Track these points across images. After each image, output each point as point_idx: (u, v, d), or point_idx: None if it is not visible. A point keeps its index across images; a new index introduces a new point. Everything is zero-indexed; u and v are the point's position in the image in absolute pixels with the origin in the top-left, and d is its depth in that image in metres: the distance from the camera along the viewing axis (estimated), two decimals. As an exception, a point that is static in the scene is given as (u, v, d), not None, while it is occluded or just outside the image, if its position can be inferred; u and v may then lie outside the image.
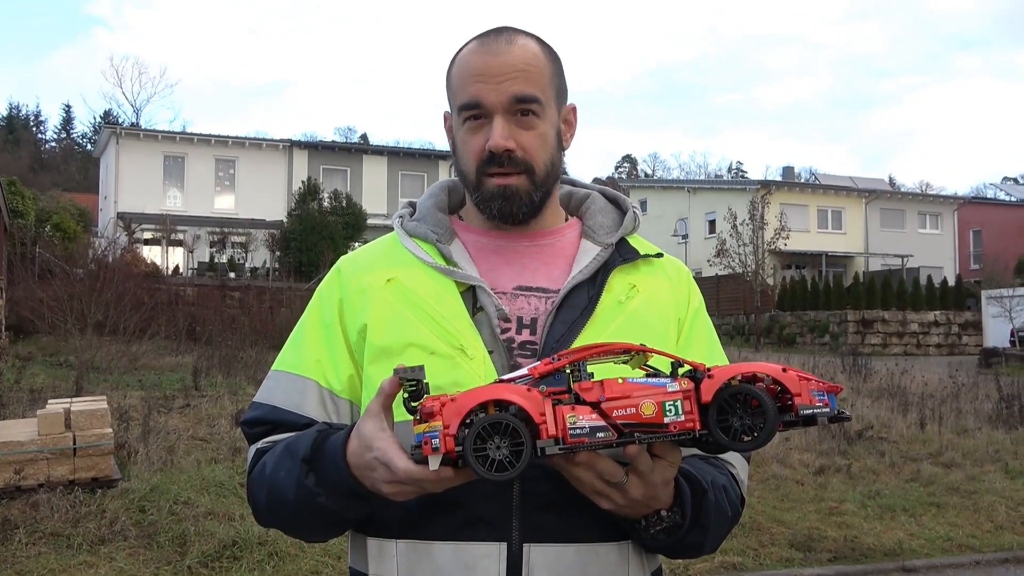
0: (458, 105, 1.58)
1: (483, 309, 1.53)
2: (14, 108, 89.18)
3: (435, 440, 1.21)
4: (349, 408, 1.58)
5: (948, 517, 7.93)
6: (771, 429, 1.26)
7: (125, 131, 43.38)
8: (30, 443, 7.00)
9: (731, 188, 47.41)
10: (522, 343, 1.55)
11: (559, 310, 1.56)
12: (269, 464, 1.52)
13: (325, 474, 1.42)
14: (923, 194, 56.36)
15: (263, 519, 1.60)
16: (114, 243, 27.88)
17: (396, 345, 1.51)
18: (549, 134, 1.59)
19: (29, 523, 6.24)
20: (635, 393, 1.27)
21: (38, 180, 53.05)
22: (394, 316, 1.54)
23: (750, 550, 6.75)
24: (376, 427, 1.34)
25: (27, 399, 10.96)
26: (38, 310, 17.91)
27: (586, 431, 1.24)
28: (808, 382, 1.29)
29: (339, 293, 1.63)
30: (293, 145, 44.09)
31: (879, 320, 30.51)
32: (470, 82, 1.55)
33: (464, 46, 1.62)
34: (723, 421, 1.27)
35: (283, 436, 1.56)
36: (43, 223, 30.81)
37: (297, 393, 1.58)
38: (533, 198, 1.59)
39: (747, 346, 28.82)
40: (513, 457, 1.21)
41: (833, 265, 41.99)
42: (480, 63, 1.55)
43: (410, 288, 1.56)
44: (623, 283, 1.61)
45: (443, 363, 1.48)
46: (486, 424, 1.21)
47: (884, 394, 14.58)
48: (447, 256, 1.59)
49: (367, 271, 1.62)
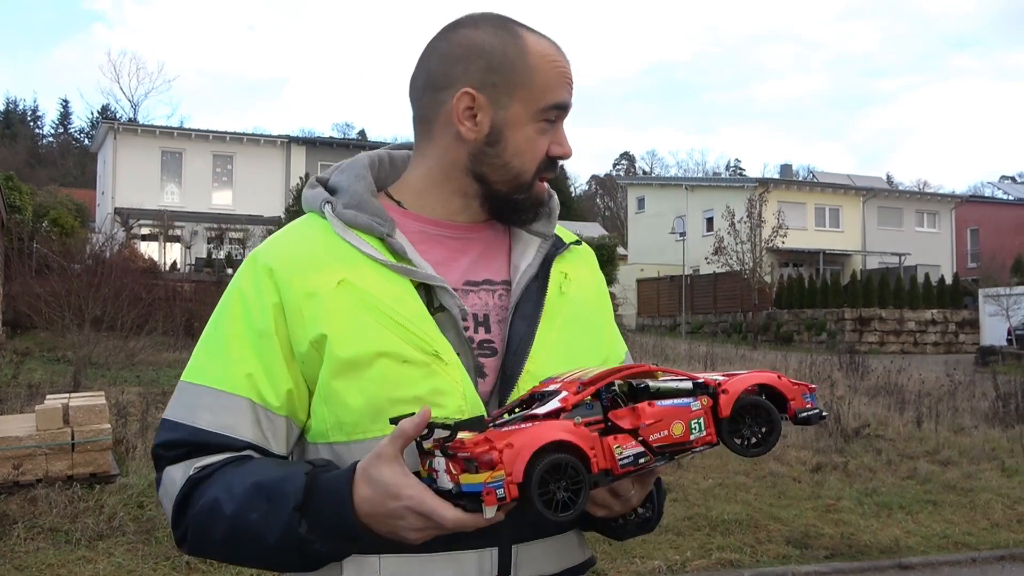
0: (546, 104, 1.49)
1: (446, 309, 1.43)
2: (11, 103, 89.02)
3: (500, 490, 1.16)
4: (285, 424, 1.43)
5: (945, 515, 7.95)
6: (778, 435, 1.36)
7: (123, 126, 43.35)
8: (28, 438, 7.01)
9: (729, 186, 47.46)
10: (480, 342, 1.47)
11: (519, 305, 1.50)
12: (226, 502, 1.34)
13: (324, 522, 1.30)
14: (921, 192, 56.40)
15: (206, 553, 1.46)
16: (112, 238, 27.85)
17: (364, 356, 1.38)
18: None
19: (27, 518, 6.25)
20: (665, 416, 1.30)
21: (35, 175, 52.94)
22: (355, 324, 1.39)
23: (747, 547, 6.76)
24: (398, 473, 1.24)
25: (25, 394, 10.97)
26: (35, 305, 17.89)
27: (631, 459, 1.26)
28: (799, 387, 1.40)
29: (275, 296, 1.43)
30: (291, 141, 44.09)
31: (876, 318, 30.54)
32: (561, 82, 1.50)
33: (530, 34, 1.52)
34: (735, 432, 1.35)
35: (216, 460, 1.40)
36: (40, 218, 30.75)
37: (227, 413, 1.40)
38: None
39: (744, 344, 28.83)
40: (573, 495, 1.20)
41: (830, 263, 42.02)
42: (563, 63, 1.52)
43: (365, 290, 1.41)
44: (557, 272, 1.57)
45: (419, 371, 1.38)
46: (548, 467, 1.19)
47: (881, 392, 14.61)
48: (397, 251, 1.45)
49: (310, 272, 1.43)
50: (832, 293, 32.25)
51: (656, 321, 37.81)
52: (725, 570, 6.39)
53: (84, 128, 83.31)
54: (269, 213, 39.57)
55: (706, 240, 38.98)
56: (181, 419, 1.43)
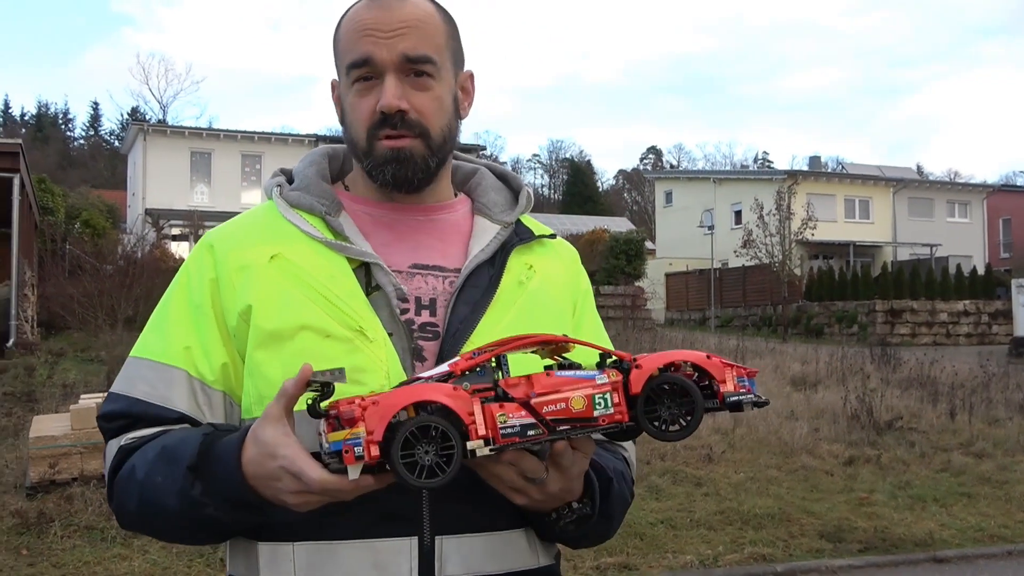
0: (346, 64, 1.46)
1: (380, 288, 1.43)
2: (43, 106, 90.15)
3: (358, 448, 1.11)
4: (223, 399, 1.45)
5: (979, 507, 7.88)
6: (698, 419, 1.23)
7: (152, 128, 43.70)
8: (63, 437, 7.10)
9: (757, 178, 47.14)
10: (422, 325, 1.46)
11: (461, 290, 1.48)
12: (140, 467, 1.36)
13: (215, 483, 1.29)
14: (951, 182, 55.79)
15: (129, 525, 1.47)
16: (143, 239, 28.14)
17: (287, 328, 1.38)
18: (445, 98, 1.49)
19: (64, 516, 6.33)
20: (564, 387, 1.21)
21: (67, 177, 53.51)
22: (282, 296, 1.40)
23: (780, 541, 6.73)
24: (279, 433, 1.21)
25: (60, 394, 11.11)
26: (69, 306, 18.07)
27: (517, 429, 1.17)
28: (731, 368, 1.26)
29: (212, 272, 1.46)
30: (318, 139, 44.26)
31: (908, 310, 30.23)
32: (359, 39, 1.44)
33: (352, 5, 1.51)
34: (651, 412, 1.23)
35: (149, 432, 1.41)
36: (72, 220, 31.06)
37: (163, 384, 1.43)
38: (429, 164, 1.48)
39: (775, 337, 28.66)
40: (443, 461, 1.13)
41: (861, 255, 41.66)
42: (370, 18, 1.45)
43: (298, 265, 1.42)
44: (521, 263, 1.55)
45: (341, 347, 1.37)
46: (413, 428, 1.12)
47: (913, 384, 14.47)
48: (337, 230, 1.46)
49: (246, 247, 1.46)
50: (863, 285, 31.94)
51: (685, 315, 37.64)
52: (758, 564, 6.36)
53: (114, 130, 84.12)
54: (297, 212, 39.79)
55: (734, 233, 38.78)
56: (121, 390, 1.46)
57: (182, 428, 1.40)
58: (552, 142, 79.07)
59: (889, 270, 33.18)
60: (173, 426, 1.41)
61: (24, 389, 11.80)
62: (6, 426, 9.60)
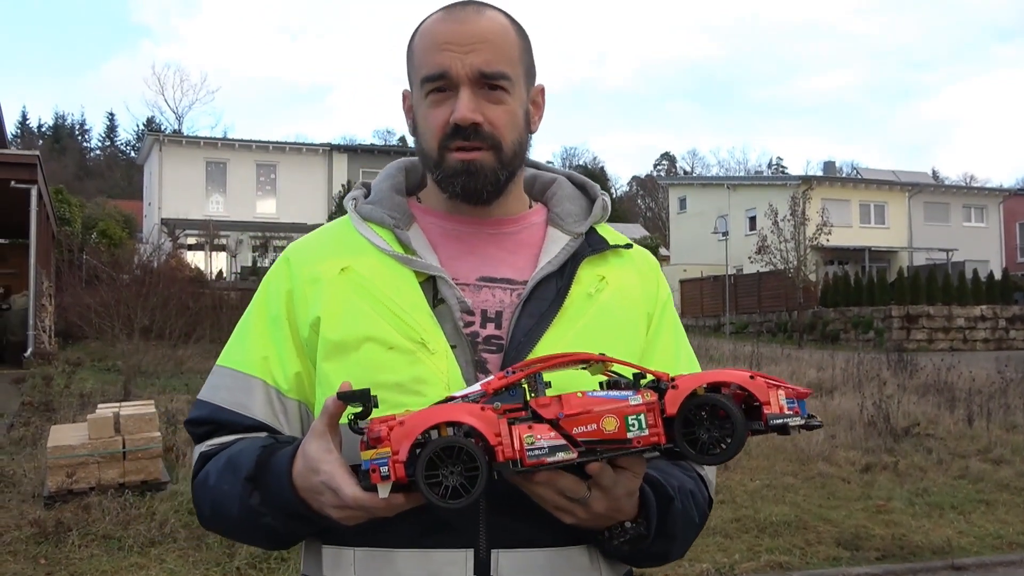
0: (421, 77, 1.46)
1: (444, 301, 1.43)
2: (60, 117, 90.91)
3: (384, 468, 1.13)
4: (297, 408, 1.49)
5: (998, 514, 7.82)
6: (740, 441, 1.18)
7: (168, 138, 43.97)
8: (81, 447, 7.14)
9: (771, 184, 47.01)
10: (487, 338, 1.45)
11: (526, 302, 1.46)
12: (213, 474, 1.43)
13: (270, 494, 1.34)
14: (967, 187, 55.58)
15: (206, 525, 1.52)
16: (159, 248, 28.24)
17: (352, 339, 1.41)
18: (518, 112, 1.48)
19: (81, 525, 6.36)
20: (595, 408, 1.18)
21: (84, 188, 53.95)
22: (349, 308, 1.43)
23: (797, 549, 6.70)
24: (322, 448, 1.25)
25: (77, 404, 11.18)
26: (86, 316, 18.17)
27: (545, 451, 1.15)
28: (777, 389, 1.21)
29: (288, 284, 1.50)
30: (333, 149, 44.42)
31: (924, 315, 30.08)
32: (435, 52, 1.44)
33: (428, 18, 1.51)
34: (689, 434, 1.19)
35: (228, 439, 1.47)
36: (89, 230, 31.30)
37: (242, 392, 1.48)
38: (499, 177, 1.47)
39: (790, 343, 28.56)
40: (468, 482, 1.13)
41: (876, 260, 41.49)
42: (446, 31, 1.45)
43: (366, 277, 1.44)
44: (592, 275, 1.52)
45: (403, 358, 1.38)
46: (438, 449, 1.13)
47: (931, 390, 14.39)
48: (405, 243, 1.48)
49: (318, 260, 1.50)
50: (879, 290, 31.78)
51: (700, 321, 37.54)
52: (774, 572, 6.33)
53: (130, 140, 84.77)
54: (312, 221, 39.87)
55: (749, 239, 38.69)
56: (205, 397, 1.52)
57: (251, 438, 1.45)
58: (566, 149, 79.05)
59: (905, 275, 33.03)
60: (249, 434, 1.46)
61: (42, 398, 11.87)
62: (24, 435, 9.66)
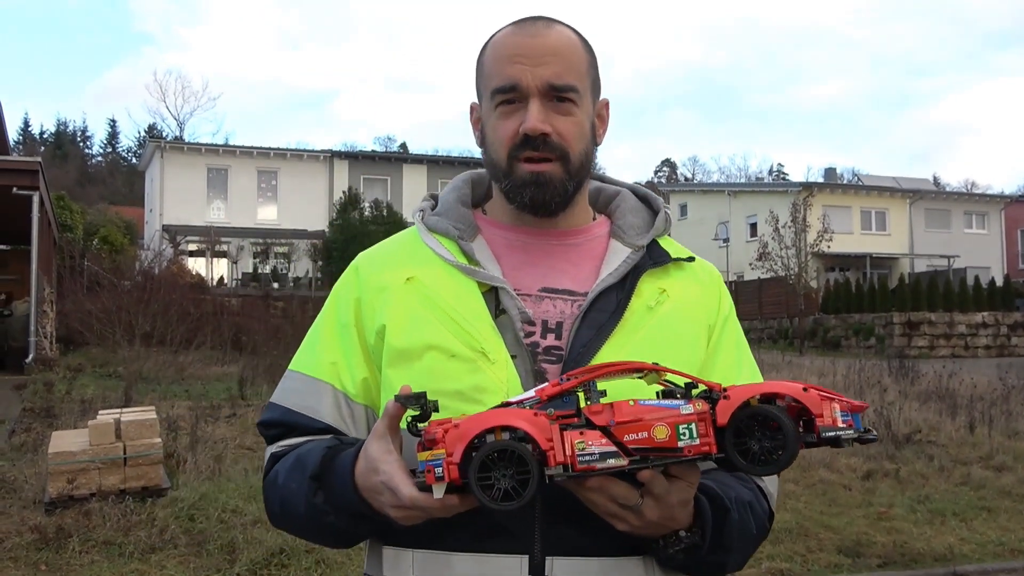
0: (492, 88, 1.50)
1: (506, 312, 1.46)
2: (61, 124, 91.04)
3: (438, 469, 1.17)
4: (364, 412, 1.53)
5: (1000, 521, 7.81)
6: (792, 452, 1.19)
7: (169, 144, 44.03)
8: (82, 453, 7.13)
9: (772, 190, 47.03)
10: (547, 348, 1.48)
11: (586, 314, 1.48)
12: (282, 473, 1.48)
13: (333, 494, 1.39)
14: (969, 193, 55.52)
15: (275, 524, 1.58)
16: (160, 255, 28.30)
17: (415, 347, 1.45)
18: (585, 124, 1.52)
19: (82, 531, 6.35)
20: (647, 416, 1.20)
21: (85, 194, 54.00)
22: (413, 317, 1.47)
23: (798, 556, 6.69)
24: (382, 449, 1.30)
25: (78, 410, 11.15)
26: (87, 322, 18.20)
27: (595, 457, 1.17)
28: (831, 402, 1.21)
29: (356, 292, 1.56)
30: (334, 155, 44.47)
31: (925, 322, 30.05)
32: (506, 64, 1.48)
33: (498, 32, 1.55)
34: (741, 444, 1.20)
35: (297, 441, 1.52)
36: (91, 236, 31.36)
37: (312, 396, 1.53)
38: (567, 187, 1.50)
39: (791, 350, 28.54)
40: (519, 485, 1.16)
41: (878, 267, 41.50)
42: (517, 44, 1.48)
43: (430, 287, 1.49)
44: (653, 287, 1.54)
45: (464, 367, 1.42)
46: (491, 452, 1.16)
47: (932, 397, 14.36)
48: (469, 254, 1.51)
49: (386, 269, 1.55)
50: (880, 297, 31.76)
51: (701, 328, 37.52)
52: (775, 579, 6.32)
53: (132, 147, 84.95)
54: (313, 227, 39.94)
55: (750, 246, 38.69)
56: (276, 400, 1.58)
57: (318, 439, 1.49)
58: (567, 155, 79.34)
59: (906, 282, 33.01)
60: (318, 436, 1.51)
61: (43, 404, 11.87)
62: (25, 442, 9.65)
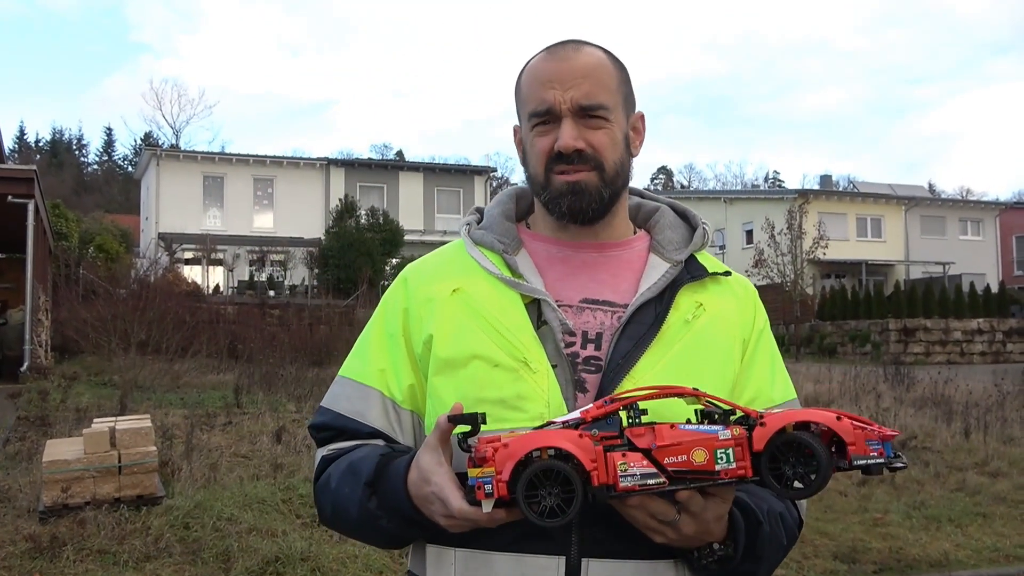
0: (528, 112, 1.58)
1: (547, 323, 1.52)
2: (57, 132, 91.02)
3: (488, 486, 1.24)
4: (411, 418, 1.60)
5: (995, 527, 7.81)
6: (824, 478, 1.25)
7: (165, 152, 44.01)
8: (76, 461, 7.11)
9: (768, 198, 47.09)
10: (586, 358, 1.53)
11: (626, 326, 1.54)
12: (334, 477, 1.55)
13: (386, 499, 1.46)
14: (964, 200, 55.69)
15: (327, 524, 1.64)
16: (156, 263, 28.29)
17: (460, 357, 1.52)
18: (617, 135, 1.59)
19: (76, 540, 6.33)
20: (686, 440, 1.26)
21: (81, 202, 53.91)
22: (459, 327, 1.54)
23: (793, 562, 6.69)
24: (434, 461, 1.37)
25: (73, 418, 11.13)
26: (82, 330, 18.18)
27: (637, 478, 1.24)
28: (862, 431, 1.27)
29: (404, 302, 1.63)
30: (330, 163, 44.45)
31: (921, 328, 30.12)
32: (539, 89, 1.56)
33: (532, 58, 1.64)
34: (775, 469, 1.26)
35: (348, 444, 1.59)
36: (86, 245, 31.29)
37: (361, 401, 1.60)
38: (603, 194, 1.57)
39: (787, 356, 28.57)
40: (564, 503, 1.22)
41: (873, 274, 41.55)
42: (549, 69, 1.57)
43: (475, 299, 1.55)
44: (690, 301, 1.59)
45: (507, 376, 1.48)
46: (538, 471, 1.23)
47: (928, 403, 14.38)
48: (513, 267, 1.58)
49: (433, 280, 1.62)
50: (876, 304, 31.83)
51: (697, 335, 37.55)
52: (771, 586, 6.31)
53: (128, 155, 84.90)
54: (309, 235, 39.90)
55: (746, 253, 38.74)
56: (327, 404, 1.66)
57: (371, 445, 1.57)
58: (563, 163, 79.24)
59: (902, 288, 33.07)
60: (368, 440, 1.59)
61: (38, 413, 11.83)
62: (20, 450, 9.62)
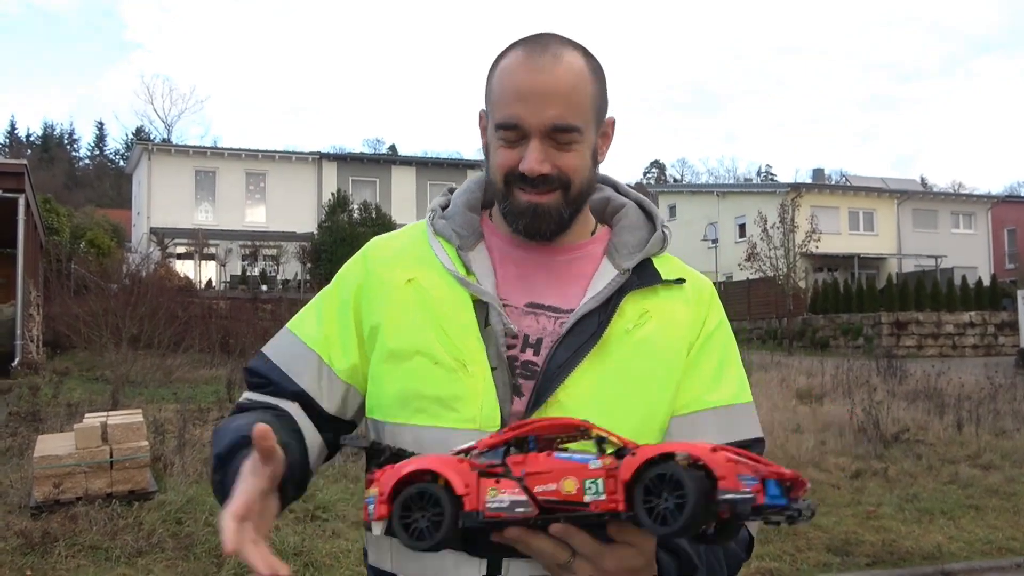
0: (496, 122, 1.49)
1: (492, 325, 1.49)
2: (48, 127, 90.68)
3: (371, 506, 1.26)
4: (345, 390, 1.57)
5: (987, 519, 7.83)
6: (691, 514, 1.07)
7: (157, 147, 43.89)
8: (68, 457, 7.08)
9: (761, 191, 47.13)
10: (524, 362, 1.49)
11: (567, 334, 1.48)
12: (220, 431, 1.48)
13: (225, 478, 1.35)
14: (956, 194, 55.78)
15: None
16: (147, 258, 28.24)
17: (405, 350, 1.50)
18: (586, 155, 1.51)
19: (68, 536, 6.31)
20: (556, 468, 1.19)
21: (72, 197, 53.76)
22: (407, 319, 1.51)
23: (786, 555, 6.70)
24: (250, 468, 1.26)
25: (64, 413, 11.11)
26: (74, 325, 18.13)
27: (505, 505, 1.19)
28: (737, 465, 1.08)
29: (360, 277, 1.60)
30: (322, 157, 44.38)
31: (913, 322, 30.16)
32: (511, 101, 1.46)
33: (508, 51, 1.52)
34: (648, 503, 1.12)
35: (260, 400, 1.57)
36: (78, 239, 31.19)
37: (298, 360, 1.58)
38: (563, 215, 1.51)
39: (780, 350, 28.61)
40: (434, 527, 1.21)
41: (865, 267, 41.62)
42: (523, 82, 1.46)
43: (427, 292, 1.52)
44: (636, 309, 1.52)
45: (446, 375, 1.46)
46: (412, 493, 1.23)
47: (920, 396, 14.41)
48: (467, 264, 1.54)
49: (391, 266, 1.58)
50: (868, 297, 31.86)
51: (690, 329, 37.56)
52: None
53: (119, 150, 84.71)
54: (302, 229, 39.85)
55: (739, 247, 38.77)
56: (267, 351, 1.64)
57: (257, 413, 1.51)
58: (555, 157, 79.57)
59: (894, 282, 33.16)
60: (286, 401, 1.55)
61: (29, 408, 11.78)
62: (11, 446, 9.59)
